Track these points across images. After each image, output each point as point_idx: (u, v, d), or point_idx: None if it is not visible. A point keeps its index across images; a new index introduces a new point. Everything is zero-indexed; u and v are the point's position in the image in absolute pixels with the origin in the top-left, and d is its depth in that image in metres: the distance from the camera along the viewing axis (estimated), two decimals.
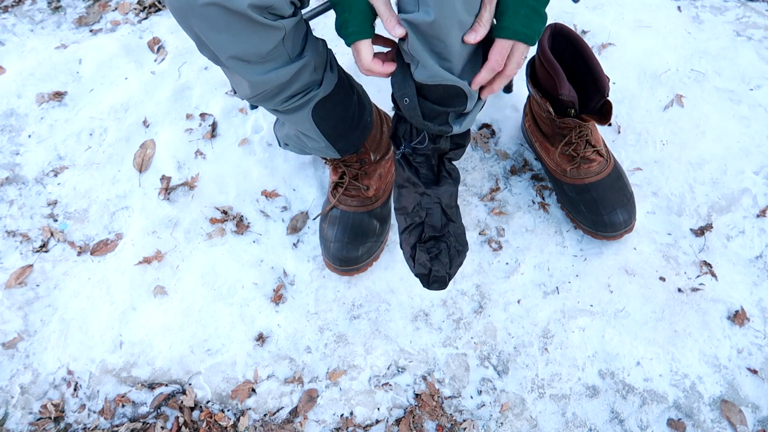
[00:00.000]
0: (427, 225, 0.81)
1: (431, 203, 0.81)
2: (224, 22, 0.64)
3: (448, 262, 0.80)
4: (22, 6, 1.49)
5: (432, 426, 0.93)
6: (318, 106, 0.81)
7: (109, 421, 0.97)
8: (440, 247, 0.80)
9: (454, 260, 0.81)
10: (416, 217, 0.82)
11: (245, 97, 0.79)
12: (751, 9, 1.31)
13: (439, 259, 0.80)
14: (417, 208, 0.81)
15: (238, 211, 1.13)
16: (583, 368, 0.96)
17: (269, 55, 0.71)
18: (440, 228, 0.81)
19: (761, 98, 1.18)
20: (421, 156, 0.80)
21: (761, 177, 1.09)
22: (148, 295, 1.07)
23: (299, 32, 0.74)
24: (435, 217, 0.81)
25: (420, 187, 0.81)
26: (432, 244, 0.81)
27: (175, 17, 0.67)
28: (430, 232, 0.81)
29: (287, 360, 1.00)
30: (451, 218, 0.82)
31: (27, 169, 1.23)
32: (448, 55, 0.66)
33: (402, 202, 0.83)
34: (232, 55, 0.69)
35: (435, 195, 0.80)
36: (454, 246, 0.81)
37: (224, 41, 0.67)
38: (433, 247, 0.81)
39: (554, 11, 1.31)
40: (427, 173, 0.81)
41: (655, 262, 1.03)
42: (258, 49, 0.69)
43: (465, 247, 0.83)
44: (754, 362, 0.94)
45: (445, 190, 0.81)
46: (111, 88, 1.32)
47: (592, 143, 1.00)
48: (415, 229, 0.82)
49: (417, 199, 0.81)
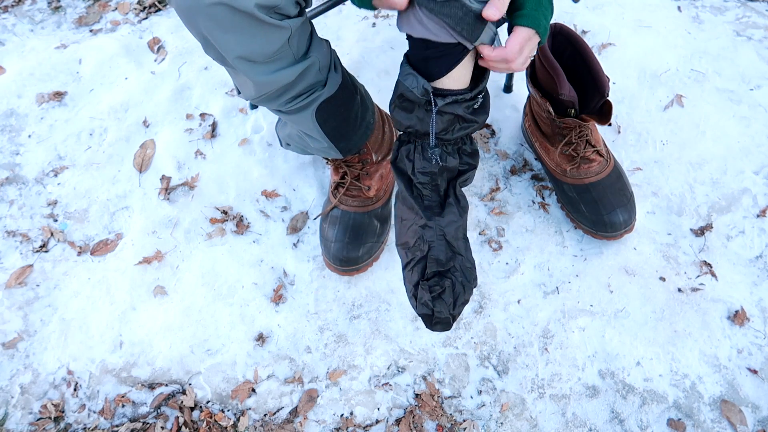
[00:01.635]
0: (430, 259, 0.74)
1: (434, 236, 0.74)
2: (231, 22, 0.64)
3: (452, 302, 0.73)
4: (22, 6, 1.49)
5: (432, 426, 0.93)
6: (322, 107, 0.81)
7: (109, 421, 0.97)
8: (444, 285, 0.73)
9: (459, 298, 0.74)
10: (417, 251, 0.74)
11: (250, 97, 0.79)
12: (751, 9, 1.31)
13: (443, 299, 0.73)
14: (419, 242, 0.74)
15: (238, 211, 1.13)
16: (583, 368, 0.96)
17: (275, 55, 0.71)
18: (445, 262, 0.74)
19: (761, 98, 1.18)
20: (426, 175, 0.74)
21: (761, 177, 1.09)
22: (148, 295, 1.07)
23: (305, 32, 0.74)
24: (439, 250, 0.74)
25: (421, 218, 0.74)
26: (435, 281, 0.73)
27: (181, 17, 0.67)
28: (434, 268, 0.74)
29: (287, 360, 1.00)
30: (458, 251, 0.74)
31: (27, 169, 1.23)
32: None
33: (404, 236, 0.76)
34: (239, 55, 0.69)
35: (438, 227, 0.74)
36: (460, 282, 0.74)
37: (231, 41, 0.67)
38: (437, 285, 0.73)
39: (554, 11, 1.31)
40: (431, 195, 0.75)
41: (655, 262, 1.03)
42: (264, 49, 0.69)
43: (472, 282, 0.75)
44: (754, 362, 0.94)
45: (449, 221, 0.74)
46: (111, 88, 1.32)
47: (592, 143, 1.00)
48: (417, 264, 0.74)
49: (419, 233, 0.74)
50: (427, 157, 0.73)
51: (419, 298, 0.73)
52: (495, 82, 1.23)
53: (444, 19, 0.62)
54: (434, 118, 0.69)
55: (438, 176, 0.74)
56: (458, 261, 0.75)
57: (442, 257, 0.74)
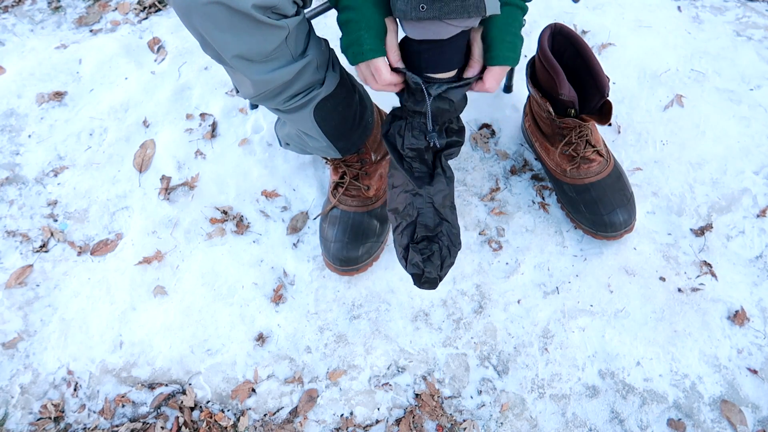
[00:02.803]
0: (420, 225, 0.81)
1: (423, 203, 0.80)
2: (228, 21, 0.64)
3: (440, 264, 0.80)
4: (22, 6, 1.49)
5: (432, 426, 0.93)
6: (320, 106, 0.81)
7: (109, 421, 0.97)
8: (433, 249, 0.80)
9: (446, 261, 0.81)
10: (407, 216, 0.81)
11: (248, 96, 0.79)
12: (751, 9, 1.31)
13: (431, 261, 0.80)
14: (408, 207, 0.81)
15: (238, 211, 1.13)
16: (583, 368, 0.96)
17: (273, 54, 0.71)
18: (433, 228, 0.81)
19: (761, 98, 1.18)
20: (414, 151, 0.79)
21: (761, 177, 1.09)
22: (148, 295, 1.07)
23: (302, 31, 0.74)
24: (427, 216, 0.80)
25: (412, 186, 0.80)
26: (425, 245, 0.81)
27: (179, 16, 0.67)
28: (423, 232, 0.80)
29: (287, 360, 1.00)
30: (444, 218, 0.81)
31: (27, 169, 1.23)
32: None
33: (394, 202, 0.83)
34: (236, 54, 0.69)
35: (427, 195, 0.80)
36: (446, 246, 0.81)
37: (228, 40, 0.67)
38: (426, 248, 0.80)
39: (554, 11, 1.31)
40: (420, 167, 0.80)
41: (655, 262, 1.03)
42: (262, 48, 0.69)
43: (457, 246, 0.83)
44: (754, 362, 0.94)
45: (438, 189, 0.80)
46: (111, 88, 1.32)
47: (592, 143, 1.00)
48: (407, 228, 0.81)
49: (409, 199, 0.81)
50: (416, 135, 0.78)
51: (410, 259, 0.80)
52: None
53: (448, 17, 0.64)
54: (429, 106, 0.74)
55: (425, 152, 0.80)
56: (445, 227, 0.81)
57: (430, 223, 0.80)
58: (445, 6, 0.63)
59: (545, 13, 1.31)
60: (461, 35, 0.70)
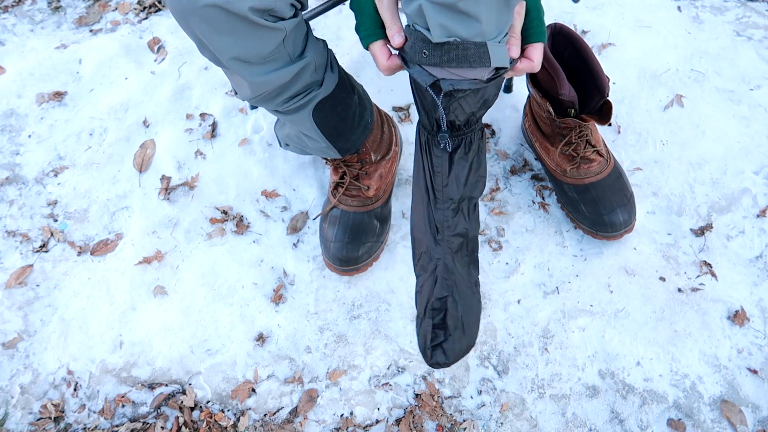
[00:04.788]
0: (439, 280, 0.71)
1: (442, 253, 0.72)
2: (225, 24, 0.64)
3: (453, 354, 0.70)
4: (22, 6, 1.49)
5: (432, 426, 0.93)
6: (319, 107, 0.81)
7: (109, 421, 0.97)
8: (447, 322, 0.70)
9: (455, 342, 0.70)
10: (425, 268, 0.72)
11: (246, 98, 0.79)
12: (751, 9, 1.31)
13: (442, 348, 0.70)
14: (424, 257, 0.72)
15: (238, 211, 1.13)
16: (583, 368, 0.96)
17: (270, 56, 0.71)
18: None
19: (761, 98, 1.18)
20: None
21: (761, 177, 1.09)
22: (148, 295, 1.07)
23: (300, 33, 0.74)
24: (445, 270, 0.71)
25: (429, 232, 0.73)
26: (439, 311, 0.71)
27: (176, 19, 0.67)
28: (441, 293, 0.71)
29: (287, 360, 1.00)
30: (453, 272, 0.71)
31: (27, 169, 1.23)
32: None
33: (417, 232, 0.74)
34: (233, 56, 0.69)
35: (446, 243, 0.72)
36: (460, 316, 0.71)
37: (225, 43, 0.67)
38: (440, 319, 0.70)
39: (554, 11, 1.31)
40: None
41: (655, 262, 1.03)
42: (259, 51, 0.69)
43: (473, 309, 0.72)
44: (754, 362, 0.94)
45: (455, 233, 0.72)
46: (111, 88, 1.32)
47: (592, 143, 1.00)
48: (425, 285, 0.72)
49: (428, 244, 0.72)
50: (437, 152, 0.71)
51: (421, 332, 0.71)
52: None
53: (448, 65, 0.61)
54: (441, 107, 0.67)
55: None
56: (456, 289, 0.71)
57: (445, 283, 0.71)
58: (445, 54, 0.60)
59: (545, 13, 1.31)
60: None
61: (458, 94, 0.65)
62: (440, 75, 0.64)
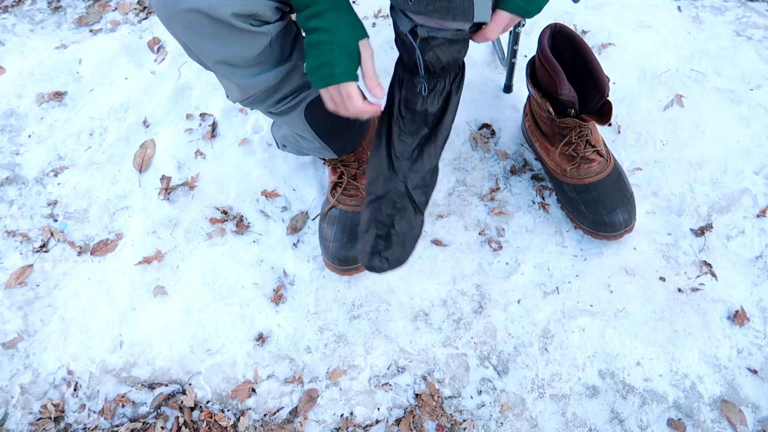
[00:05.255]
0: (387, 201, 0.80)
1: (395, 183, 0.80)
2: (208, 28, 0.64)
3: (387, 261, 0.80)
4: (22, 6, 1.49)
5: (432, 426, 0.93)
6: (310, 107, 0.81)
7: (109, 421, 0.97)
8: (391, 234, 0.80)
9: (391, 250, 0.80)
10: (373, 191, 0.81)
11: (236, 100, 0.79)
12: (751, 9, 1.31)
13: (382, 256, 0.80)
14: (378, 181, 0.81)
15: (238, 211, 1.13)
16: (583, 368, 0.96)
17: (256, 59, 0.70)
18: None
19: (761, 98, 1.18)
20: (408, 110, 0.78)
21: (761, 177, 1.09)
22: (148, 295, 1.07)
23: (288, 35, 0.73)
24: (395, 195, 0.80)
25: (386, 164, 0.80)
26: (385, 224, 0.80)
27: (162, 22, 0.67)
28: (388, 210, 0.81)
29: (287, 360, 1.00)
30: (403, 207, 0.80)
31: (27, 169, 1.23)
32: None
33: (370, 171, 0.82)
34: (218, 59, 0.69)
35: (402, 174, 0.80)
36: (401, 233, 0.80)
37: (209, 47, 0.67)
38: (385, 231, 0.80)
39: (554, 11, 1.31)
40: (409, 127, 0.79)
41: (655, 262, 1.03)
42: (244, 54, 0.69)
43: (413, 236, 0.82)
44: (754, 362, 0.94)
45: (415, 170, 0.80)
46: (111, 88, 1.32)
47: (592, 143, 1.00)
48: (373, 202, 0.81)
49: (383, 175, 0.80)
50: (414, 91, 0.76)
51: (360, 248, 0.80)
52: (495, 82, 1.23)
53: (433, 15, 0.63)
54: (418, 50, 0.69)
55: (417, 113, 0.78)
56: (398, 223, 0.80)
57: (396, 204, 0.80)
58: (430, 4, 0.62)
59: (545, 13, 1.30)
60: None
61: (433, 41, 0.67)
62: (420, 22, 0.66)
